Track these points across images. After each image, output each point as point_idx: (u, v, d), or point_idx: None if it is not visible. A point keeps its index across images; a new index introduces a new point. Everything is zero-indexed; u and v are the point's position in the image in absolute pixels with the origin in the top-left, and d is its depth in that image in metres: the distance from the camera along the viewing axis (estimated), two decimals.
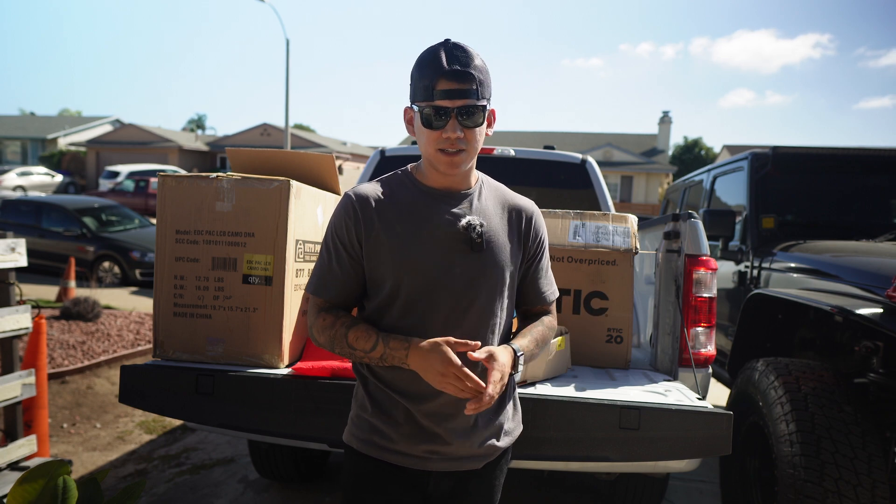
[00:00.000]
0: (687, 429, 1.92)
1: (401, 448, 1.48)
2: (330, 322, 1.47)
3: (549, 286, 1.66)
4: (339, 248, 1.49)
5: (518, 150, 4.32)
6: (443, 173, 1.46)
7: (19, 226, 10.39)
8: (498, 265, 1.49)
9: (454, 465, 1.50)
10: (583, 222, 2.59)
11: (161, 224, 2.20)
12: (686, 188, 5.73)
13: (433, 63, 1.40)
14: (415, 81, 1.44)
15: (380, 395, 1.51)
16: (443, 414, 1.47)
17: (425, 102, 1.41)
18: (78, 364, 5.23)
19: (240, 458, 3.89)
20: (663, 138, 37.32)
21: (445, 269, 1.45)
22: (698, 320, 2.44)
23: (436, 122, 1.40)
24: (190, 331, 2.19)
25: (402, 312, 1.46)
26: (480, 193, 1.54)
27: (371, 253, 1.47)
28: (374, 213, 1.47)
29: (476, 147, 1.45)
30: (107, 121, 41.00)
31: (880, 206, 4.21)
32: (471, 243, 1.46)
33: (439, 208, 1.48)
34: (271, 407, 2.04)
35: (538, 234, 1.60)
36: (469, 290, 1.46)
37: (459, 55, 1.40)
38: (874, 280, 2.74)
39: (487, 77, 1.44)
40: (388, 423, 1.49)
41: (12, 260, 2.96)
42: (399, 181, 1.53)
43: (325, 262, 1.51)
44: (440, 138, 1.41)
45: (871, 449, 2.37)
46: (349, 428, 1.58)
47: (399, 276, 1.44)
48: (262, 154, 2.62)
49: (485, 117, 1.45)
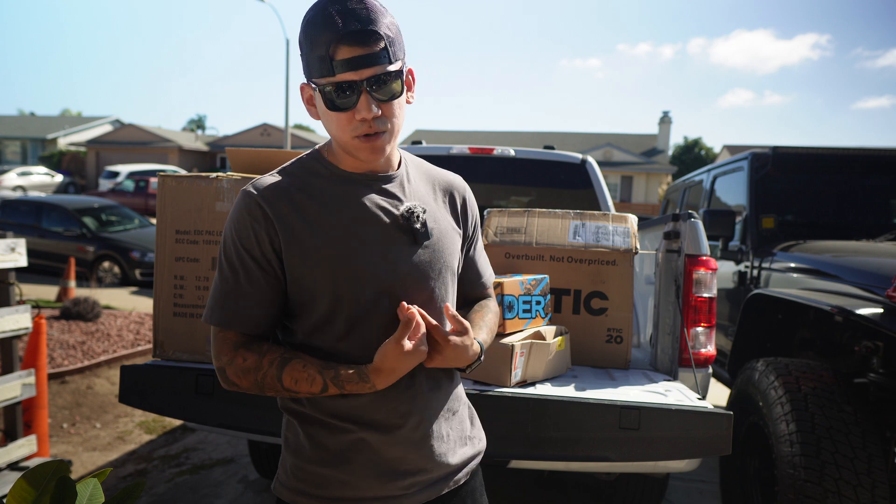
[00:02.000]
0: (687, 429, 1.92)
1: (369, 493, 1.20)
2: (253, 362, 1.15)
3: (488, 267, 1.48)
4: (246, 262, 1.17)
5: (518, 150, 4.33)
6: (364, 161, 1.19)
7: (19, 226, 10.39)
8: (445, 254, 1.26)
9: (434, 492, 1.26)
10: (583, 222, 2.59)
11: (161, 224, 2.20)
12: (686, 188, 5.73)
13: (325, 25, 1.09)
14: (306, 52, 1.13)
15: (330, 440, 1.20)
16: (416, 438, 1.22)
17: (324, 79, 1.11)
18: (78, 364, 5.23)
19: (240, 458, 3.89)
20: (663, 138, 37.30)
21: (390, 269, 1.19)
22: (698, 320, 2.44)
23: (342, 101, 1.12)
24: (190, 331, 2.19)
25: (343, 332, 1.18)
26: (409, 174, 1.29)
27: (294, 263, 1.16)
28: (290, 212, 1.16)
29: (399, 122, 1.17)
30: (107, 121, 41.00)
31: (880, 206, 4.21)
32: (414, 234, 1.21)
33: (368, 196, 1.21)
34: (271, 407, 2.04)
35: (474, 212, 1.39)
36: (417, 287, 1.22)
37: (355, 8, 1.09)
38: (874, 280, 2.74)
39: (398, 31, 1.15)
40: (345, 470, 1.20)
41: (12, 260, 2.96)
42: (309, 169, 1.23)
43: (230, 284, 1.18)
44: (352, 121, 1.13)
45: (871, 449, 2.37)
46: (283, 479, 1.25)
47: (338, 287, 1.16)
48: (263, 154, 2.62)
49: (402, 83, 1.16)
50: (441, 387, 1.29)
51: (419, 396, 1.24)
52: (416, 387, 1.24)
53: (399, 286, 1.20)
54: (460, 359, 1.22)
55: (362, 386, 1.15)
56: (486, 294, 1.48)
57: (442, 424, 1.28)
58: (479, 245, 1.45)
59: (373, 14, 1.10)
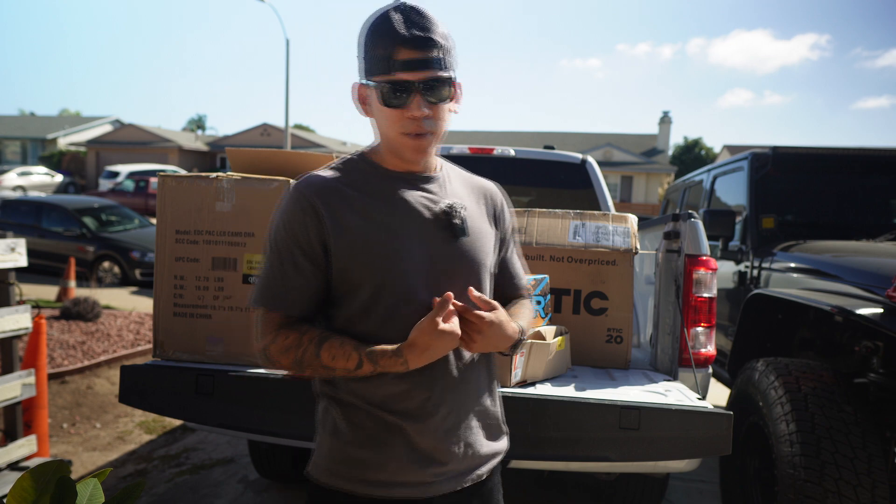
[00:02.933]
0: (687, 429, 1.92)
1: (401, 478, 1.27)
2: (294, 340, 1.23)
3: (523, 272, 1.56)
4: (294, 252, 1.25)
5: (518, 150, 4.33)
6: (407, 160, 1.28)
7: (19, 226, 10.38)
8: (480, 252, 1.34)
9: (460, 482, 1.32)
10: (583, 222, 2.59)
11: (161, 224, 2.20)
12: (686, 188, 5.73)
13: (389, 30, 1.20)
14: (367, 52, 1.23)
15: (364, 420, 1.27)
16: (445, 427, 1.29)
17: (382, 77, 1.21)
18: (78, 364, 5.23)
19: (240, 458, 3.89)
20: (663, 138, 37.30)
21: (428, 262, 1.28)
22: (698, 320, 2.44)
23: (396, 99, 1.21)
24: (190, 331, 2.19)
25: (382, 321, 1.26)
26: (449, 176, 1.38)
27: (343, 254, 1.25)
28: (340, 205, 1.25)
29: (443, 127, 1.27)
30: (107, 121, 40.99)
31: (880, 206, 4.22)
32: (453, 229, 1.29)
33: (411, 192, 1.30)
34: (271, 407, 2.04)
35: (509, 217, 1.48)
36: (451, 282, 1.28)
37: (418, 19, 1.20)
38: (874, 280, 2.74)
39: (452, 43, 1.26)
40: (382, 451, 1.27)
41: (12, 260, 2.96)
42: (354, 167, 1.32)
43: (277, 270, 1.27)
44: (403, 118, 1.22)
45: (871, 449, 2.37)
46: (319, 460, 1.33)
47: (381, 278, 1.24)
48: (262, 154, 2.62)
49: (451, 91, 1.26)
50: (472, 380, 1.35)
51: (451, 388, 1.29)
52: (449, 378, 1.29)
53: (436, 278, 1.28)
54: (501, 338, 1.26)
55: (395, 361, 1.20)
56: (521, 294, 1.54)
57: (472, 418, 1.34)
58: (514, 248, 1.53)
59: (432, 24, 1.21)
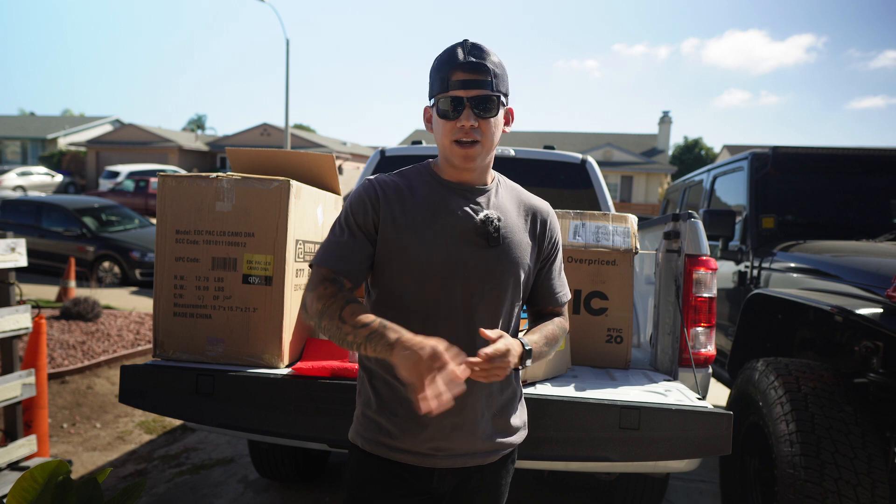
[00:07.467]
0: (687, 429, 1.92)
1: (406, 445, 1.47)
2: (331, 292, 1.40)
3: (563, 287, 1.66)
4: (351, 224, 1.48)
5: (518, 150, 4.32)
6: (458, 167, 1.48)
7: (19, 226, 10.39)
8: (512, 261, 1.50)
9: (459, 462, 1.49)
10: (583, 222, 2.59)
11: (161, 224, 2.20)
12: (686, 188, 5.73)
13: (450, 58, 1.44)
14: (432, 77, 1.47)
15: (385, 391, 1.49)
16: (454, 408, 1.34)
17: (441, 94, 1.44)
18: (78, 364, 5.23)
19: (240, 458, 3.89)
20: (663, 138, 37.31)
21: (461, 261, 1.46)
22: (698, 320, 2.44)
23: (451, 112, 1.43)
24: (190, 331, 2.19)
25: (412, 303, 1.45)
26: (497, 191, 1.56)
27: (387, 238, 1.46)
28: (396, 200, 1.48)
29: (492, 141, 1.46)
30: (107, 121, 40.99)
31: (880, 206, 4.21)
32: (487, 237, 1.47)
33: (457, 201, 1.49)
34: (271, 407, 2.04)
35: (553, 235, 1.62)
36: (481, 285, 1.46)
37: (475, 51, 1.44)
38: (874, 280, 2.74)
39: (504, 73, 1.47)
40: (393, 420, 1.47)
41: (12, 260, 2.96)
42: (417, 173, 1.55)
43: (336, 236, 1.49)
44: (454, 128, 1.43)
45: (871, 449, 2.37)
46: (354, 426, 1.57)
47: (413, 265, 1.45)
48: (262, 154, 2.62)
49: (499, 110, 1.46)
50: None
51: None
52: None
53: (465, 275, 1.46)
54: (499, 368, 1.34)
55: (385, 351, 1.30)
56: (557, 312, 1.66)
57: (482, 402, 1.48)
58: (556, 265, 1.64)
59: (486, 55, 1.44)
